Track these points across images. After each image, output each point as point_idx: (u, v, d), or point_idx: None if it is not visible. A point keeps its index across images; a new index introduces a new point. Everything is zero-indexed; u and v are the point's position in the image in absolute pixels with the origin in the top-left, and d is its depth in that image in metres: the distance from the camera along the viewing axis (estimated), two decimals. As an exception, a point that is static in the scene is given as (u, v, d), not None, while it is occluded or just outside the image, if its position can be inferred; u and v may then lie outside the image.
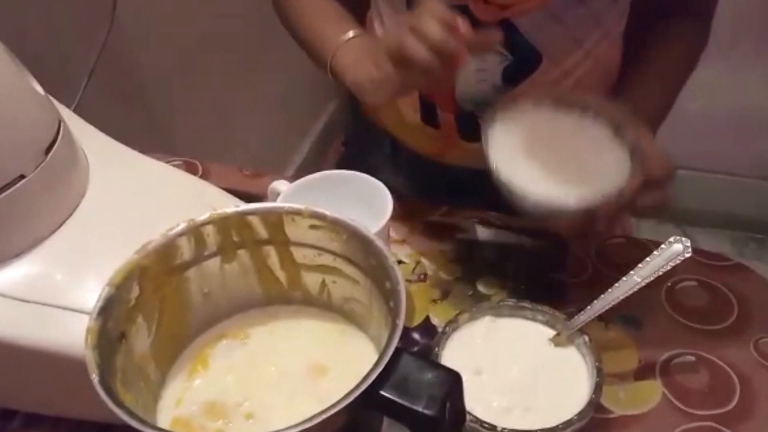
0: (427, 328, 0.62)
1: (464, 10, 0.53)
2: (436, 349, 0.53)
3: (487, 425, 0.47)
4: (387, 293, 0.40)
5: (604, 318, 0.61)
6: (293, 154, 1.67)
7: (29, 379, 0.52)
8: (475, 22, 0.51)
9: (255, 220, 0.45)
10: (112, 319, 0.40)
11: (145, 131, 1.00)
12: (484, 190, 0.59)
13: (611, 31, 0.72)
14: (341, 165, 0.91)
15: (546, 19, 0.66)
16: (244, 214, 0.45)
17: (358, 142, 0.98)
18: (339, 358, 0.45)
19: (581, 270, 0.67)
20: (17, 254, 0.50)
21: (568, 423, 0.48)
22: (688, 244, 0.55)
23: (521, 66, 0.69)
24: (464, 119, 0.74)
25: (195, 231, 0.44)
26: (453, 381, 0.36)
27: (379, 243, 0.42)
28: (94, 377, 0.36)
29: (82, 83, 0.85)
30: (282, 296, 0.49)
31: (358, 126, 0.94)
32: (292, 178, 0.64)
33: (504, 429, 0.47)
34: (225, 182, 0.65)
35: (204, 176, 0.79)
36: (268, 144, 1.44)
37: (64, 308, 0.48)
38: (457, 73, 0.60)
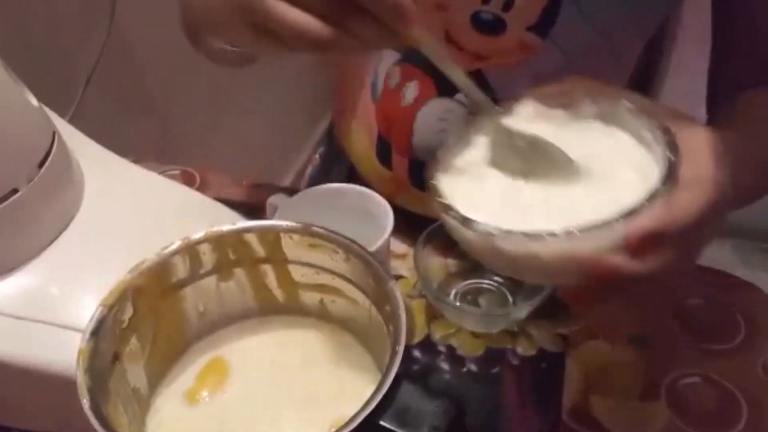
0: (427, 345, 0.61)
1: None
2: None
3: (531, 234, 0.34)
4: (387, 316, 0.39)
5: (609, 338, 0.60)
6: (293, 162, 1.66)
7: (23, 397, 0.50)
8: None
9: (252, 238, 0.44)
10: (105, 340, 0.39)
11: (143, 139, 0.98)
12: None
13: None
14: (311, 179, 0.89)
15: (522, 77, 0.60)
16: (240, 232, 0.44)
17: (327, 156, 0.92)
18: (339, 375, 0.44)
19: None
20: (10, 270, 0.48)
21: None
22: None
23: None
24: (418, 168, 0.69)
25: (190, 249, 0.43)
26: (455, 411, 0.34)
27: (379, 265, 0.41)
28: (85, 402, 0.35)
29: (80, 89, 0.84)
30: (279, 311, 0.48)
31: (330, 140, 0.90)
32: (291, 188, 0.63)
33: (553, 234, 0.33)
34: (223, 193, 0.64)
35: (202, 186, 0.77)
36: (267, 152, 1.43)
37: (59, 325, 0.47)
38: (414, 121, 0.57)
